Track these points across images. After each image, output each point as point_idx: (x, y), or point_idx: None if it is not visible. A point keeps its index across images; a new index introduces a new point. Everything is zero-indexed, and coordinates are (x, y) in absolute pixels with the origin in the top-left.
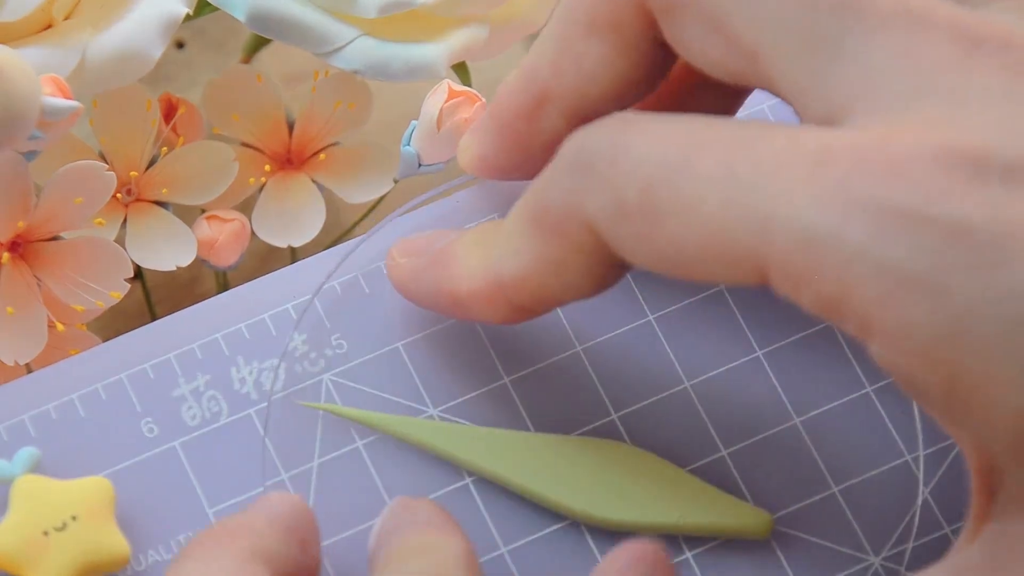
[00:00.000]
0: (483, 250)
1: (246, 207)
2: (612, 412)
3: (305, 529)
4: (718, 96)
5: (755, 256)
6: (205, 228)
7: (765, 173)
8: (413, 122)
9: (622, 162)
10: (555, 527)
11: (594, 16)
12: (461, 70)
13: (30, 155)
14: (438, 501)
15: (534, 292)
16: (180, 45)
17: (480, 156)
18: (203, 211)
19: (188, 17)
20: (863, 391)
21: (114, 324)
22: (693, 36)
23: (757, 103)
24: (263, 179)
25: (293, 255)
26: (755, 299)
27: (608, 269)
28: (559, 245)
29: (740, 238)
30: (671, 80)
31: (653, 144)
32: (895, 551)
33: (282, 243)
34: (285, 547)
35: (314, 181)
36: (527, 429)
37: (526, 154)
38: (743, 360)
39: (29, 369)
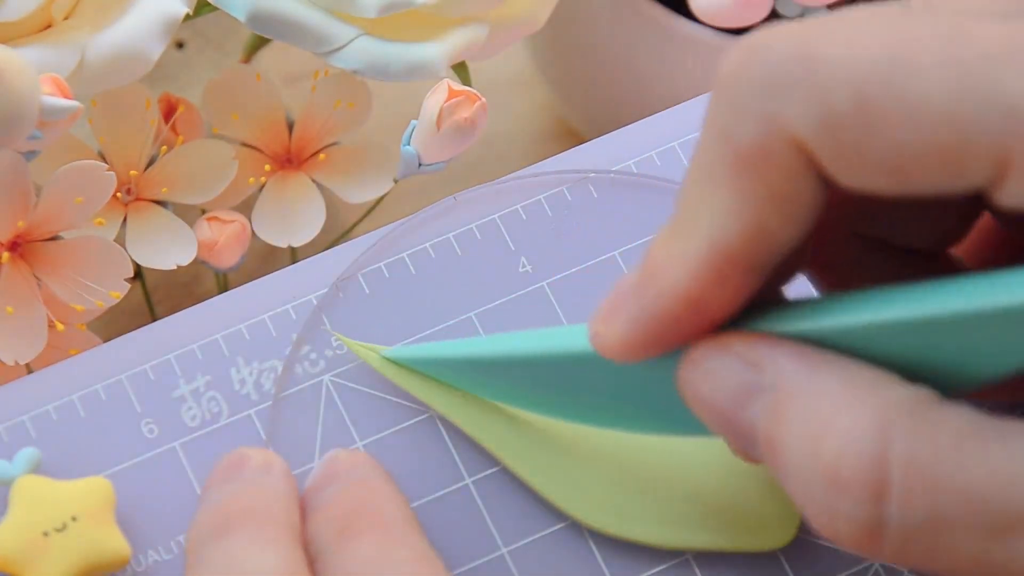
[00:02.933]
0: (682, 238)
1: (246, 207)
2: None
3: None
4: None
5: (993, 150)
6: (205, 230)
7: (997, 62)
8: (413, 122)
9: (825, 70)
10: (555, 527)
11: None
12: (461, 70)
13: (30, 155)
14: (438, 501)
15: (760, 244)
16: (180, 45)
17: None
18: (203, 211)
19: (188, 17)
20: None
21: (114, 324)
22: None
23: None
24: (263, 179)
25: (293, 255)
26: None
27: (819, 194)
28: (769, 177)
29: (975, 134)
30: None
31: (855, 46)
32: None
33: (282, 243)
34: (299, 519)
35: (314, 181)
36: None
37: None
38: None
39: (29, 369)
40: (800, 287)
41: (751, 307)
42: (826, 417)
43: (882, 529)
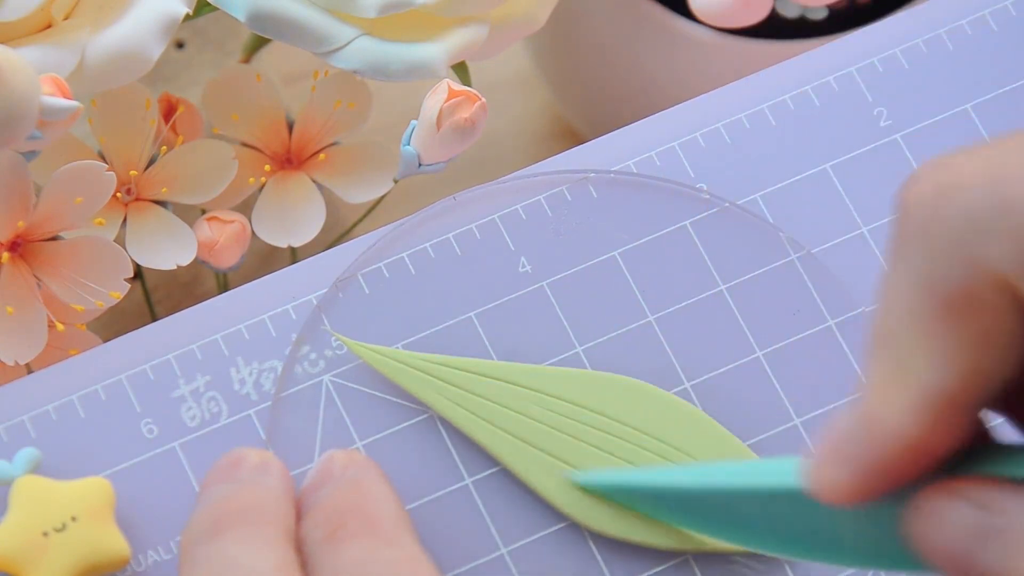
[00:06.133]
0: (899, 385)
1: (246, 207)
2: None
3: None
4: None
5: None
6: (205, 230)
7: None
8: (413, 122)
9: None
10: (555, 527)
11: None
12: (461, 70)
13: (30, 155)
14: (438, 502)
15: (978, 384)
16: (180, 45)
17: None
18: (203, 211)
19: (188, 17)
20: None
21: (114, 324)
22: None
23: (757, 102)
24: (263, 179)
25: (293, 255)
26: (754, 300)
27: None
28: (979, 320)
29: None
30: None
31: None
32: None
33: (282, 243)
34: (293, 519)
35: (314, 181)
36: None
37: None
38: (744, 360)
39: (29, 369)
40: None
41: (968, 452)
42: None
43: None
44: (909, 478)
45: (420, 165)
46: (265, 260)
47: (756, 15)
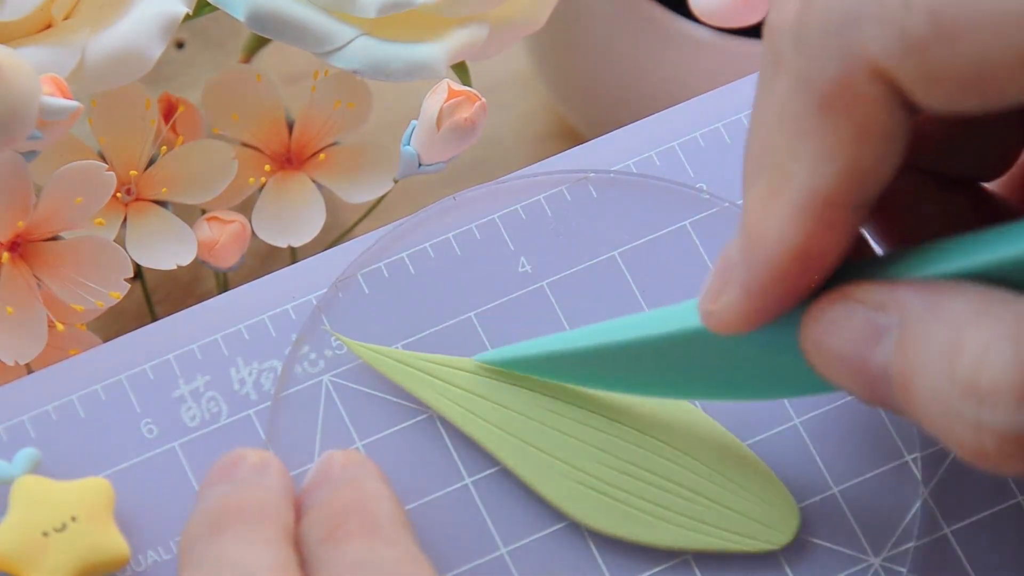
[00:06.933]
0: (779, 193)
1: (246, 207)
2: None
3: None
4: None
5: None
6: (205, 229)
7: None
8: (413, 122)
9: None
10: (555, 527)
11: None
12: (461, 70)
13: (30, 155)
14: (438, 502)
15: (857, 181)
16: (180, 45)
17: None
18: (203, 211)
19: (188, 17)
20: None
21: (114, 324)
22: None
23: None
24: (263, 179)
25: (293, 255)
26: None
27: (907, 123)
28: (856, 113)
29: None
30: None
31: None
32: (895, 551)
33: (282, 243)
34: (292, 519)
35: (314, 181)
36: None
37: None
38: None
39: (29, 369)
40: None
41: (850, 266)
42: (957, 335)
43: None
44: (800, 293)
45: (420, 165)
46: (265, 260)
47: (756, 15)
